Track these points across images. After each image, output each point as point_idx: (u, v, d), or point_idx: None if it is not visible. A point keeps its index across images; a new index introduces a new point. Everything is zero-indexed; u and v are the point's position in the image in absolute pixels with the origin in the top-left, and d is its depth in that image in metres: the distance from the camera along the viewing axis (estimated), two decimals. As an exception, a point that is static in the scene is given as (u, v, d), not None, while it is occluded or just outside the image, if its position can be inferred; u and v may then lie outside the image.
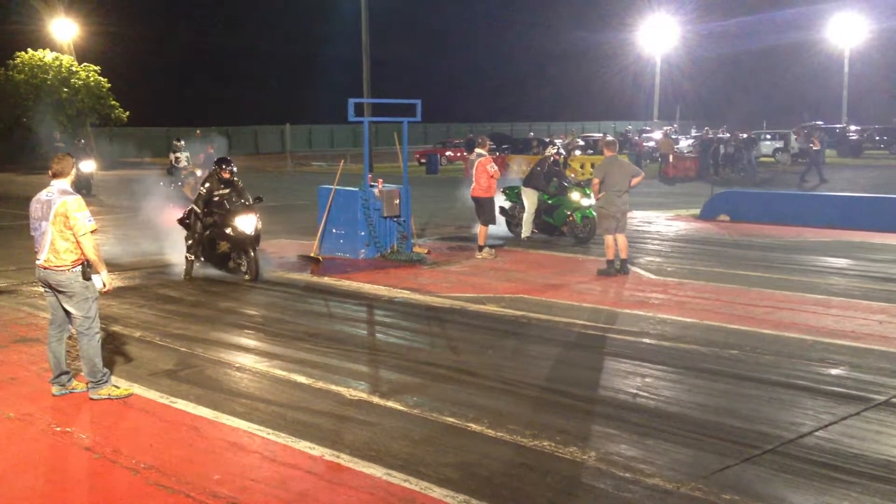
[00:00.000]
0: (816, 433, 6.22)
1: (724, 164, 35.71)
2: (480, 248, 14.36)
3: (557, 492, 5.29)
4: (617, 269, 12.54)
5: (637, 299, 10.93)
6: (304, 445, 6.03)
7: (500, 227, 16.33)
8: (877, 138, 46.51)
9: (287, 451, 5.96)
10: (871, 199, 19.77)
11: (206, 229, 12.52)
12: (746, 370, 7.80)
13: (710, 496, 5.19)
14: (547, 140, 44.67)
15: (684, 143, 43.43)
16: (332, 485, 5.40)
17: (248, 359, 8.27)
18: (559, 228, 16.25)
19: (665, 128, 50.77)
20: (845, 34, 58.26)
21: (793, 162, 42.26)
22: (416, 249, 14.43)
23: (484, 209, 14.42)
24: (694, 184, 30.84)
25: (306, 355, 8.42)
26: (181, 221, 13.10)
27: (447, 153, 46.25)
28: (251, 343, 8.91)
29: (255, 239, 12.34)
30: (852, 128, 49.78)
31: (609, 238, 12.57)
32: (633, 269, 12.93)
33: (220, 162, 12.74)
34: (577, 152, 29.32)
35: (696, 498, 5.18)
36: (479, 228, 14.52)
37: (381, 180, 14.48)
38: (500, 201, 16.58)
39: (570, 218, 16.00)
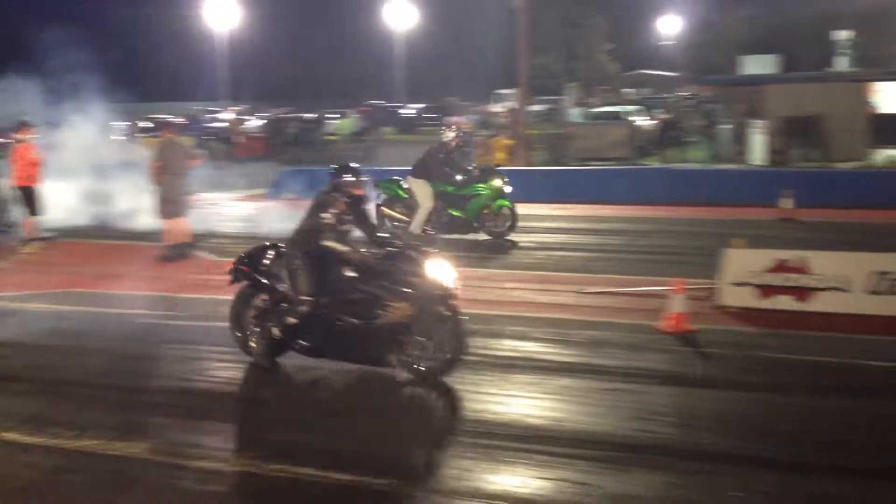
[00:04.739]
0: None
1: (296, 143, 36.77)
2: (26, 242, 13.20)
3: (103, 490, 5.15)
4: (179, 253, 12.30)
5: (198, 283, 10.81)
6: None
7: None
8: (424, 116, 50.84)
9: None
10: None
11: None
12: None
13: (260, 470, 5.34)
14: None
15: (253, 124, 43.76)
16: None
17: None
18: (471, 224, 13.64)
19: (235, 109, 50.72)
20: (398, 19, 62.78)
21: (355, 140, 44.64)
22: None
23: (29, 199, 13.26)
24: (265, 163, 31.18)
25: None
26: (238, 270, 7.44)
27: (-5, 138, 41.73)
28: None
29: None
30: (409, 107, 53.99)
31: (170, 223, 12.28)
32: (196, 252, 12.75)
33: (343, 171, 7.23)
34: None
35: (250, 473, 5.33)
36: (23, 220, 13.32)
37: None
38: (376, 198, 13.20)
39: (486, 210, 13.67)
